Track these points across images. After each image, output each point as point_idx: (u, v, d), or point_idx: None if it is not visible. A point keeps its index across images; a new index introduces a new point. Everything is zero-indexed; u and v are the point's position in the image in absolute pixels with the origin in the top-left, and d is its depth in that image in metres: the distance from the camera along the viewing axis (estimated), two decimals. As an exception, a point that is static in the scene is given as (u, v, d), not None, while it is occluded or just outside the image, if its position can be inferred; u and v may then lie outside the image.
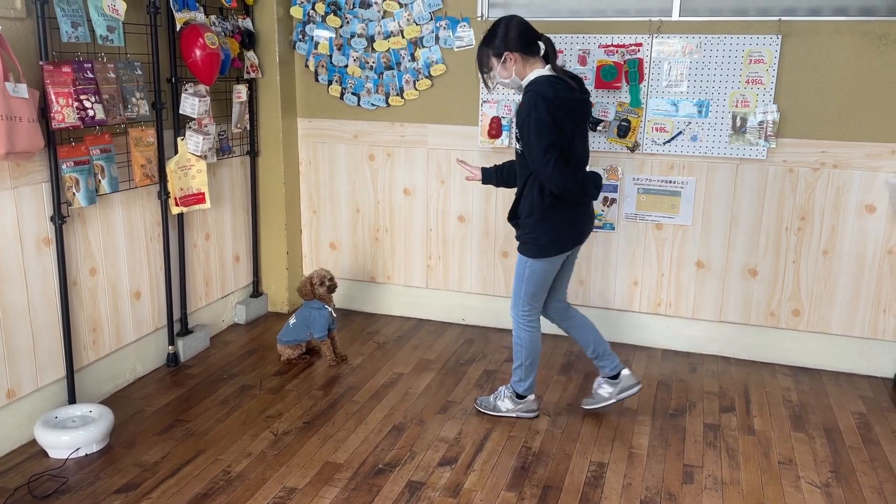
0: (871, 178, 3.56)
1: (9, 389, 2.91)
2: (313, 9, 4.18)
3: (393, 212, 4.37)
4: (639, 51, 3.70)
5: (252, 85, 4.18)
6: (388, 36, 4.10)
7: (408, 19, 4.04)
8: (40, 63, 2.81)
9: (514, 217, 3.05)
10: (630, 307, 4.05)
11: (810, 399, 3.48)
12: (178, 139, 3.56)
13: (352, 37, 4.16)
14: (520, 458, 2.93)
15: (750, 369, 3.80)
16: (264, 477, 2.76)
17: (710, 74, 3.64)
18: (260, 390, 3.48)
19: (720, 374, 3.74)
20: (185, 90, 3.54)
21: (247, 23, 4.04)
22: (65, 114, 2.85)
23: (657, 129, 3.75)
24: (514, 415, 3.22)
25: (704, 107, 3.68)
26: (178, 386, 3.52)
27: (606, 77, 3.75)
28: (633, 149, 3.81)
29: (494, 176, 3.26)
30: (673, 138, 3.74)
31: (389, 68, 4.15)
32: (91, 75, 2.96)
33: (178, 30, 3.47)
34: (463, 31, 3.97)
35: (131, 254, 3.48)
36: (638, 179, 3.87)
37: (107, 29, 3.02)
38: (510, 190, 4.07)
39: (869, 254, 3.63)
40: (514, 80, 2.90)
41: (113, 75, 3.07)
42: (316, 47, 4.25)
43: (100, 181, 3.11)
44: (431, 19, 4.01)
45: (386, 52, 4.12)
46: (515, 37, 2.82)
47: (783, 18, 3.52)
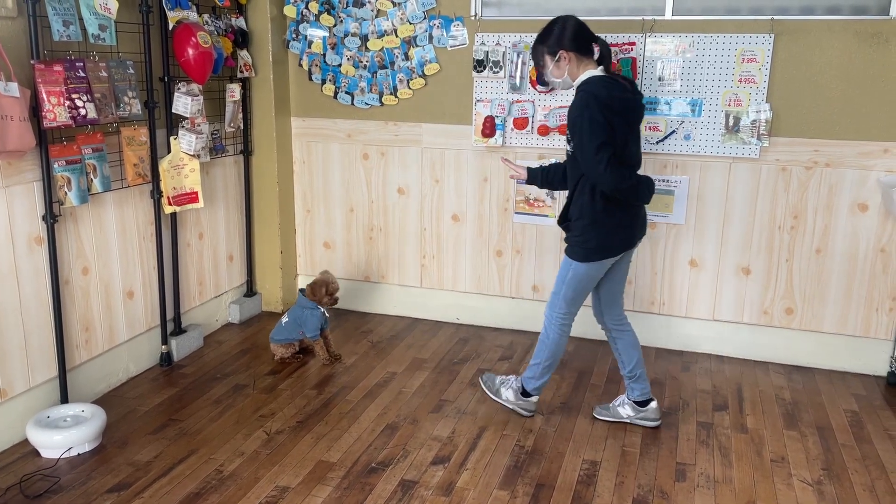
0: (863, 177, 3.57)
1: (1, 389, 2.91)
2: (307, 8, 4.18)
3: (387, 211, 4.37)
4: (632, 50, 3.70)
5: (245, 84, 4.18)
6: (381, 35, 4.09)
7: (401, 18, 4.04)
8: (31, 62, 2.80)
9: (564, 219, 2.99)
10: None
11: (803, 397, 3.49)
12: (171, 138, 3.55)
13: (345, 36, 4.16)
14: (513, 456, 2.93)
15: (743, 368, 3.81)
16: (257, 476, 2.76)
17: (703, 73, 3.65)
18: (253, 389, 3.48)
19: (713, 372, 3.75)
20: (178, 89, 3.53)
21: (240, 22, 4.04)
22: (56, 113, 2.84)
23: (650, 128, 3.76)
24: (511, 406, 3.20)
25: (697, 106, 3.68)
26: (172, 385, 3.51)
27: (600, 76, 3.76)
28: (626, 148, 3.82)
29: (540, 176, 3.17)
30: (666, 137, 3.75)
31: (383, 67, 4.15)
32: (83, 74, 2.95)
33: (170, 28, 3.46)
34: (456, 30, 3.97)
35: (124, 253, 3.47)
36: (631, 178, 3.87)
37: (99, 28, 3.01)
38: (505, 190, 4.11)
39: (861, 252, 3.64)
40: (565, 80, 2.87)
41: (105, 74, 3.06)
42: (309, 46, 4.24)
43: (92, 180, 3.10)
44: (425, 18, 4.01)
45: (380, 51, 4.12)
46: (571, 36, 2.80)
47: (776, 17, 3.53)
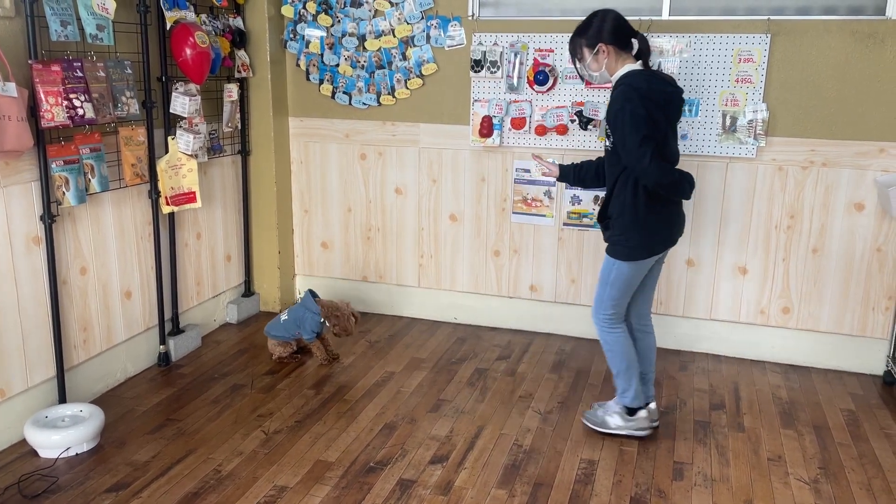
0: (859, 177, 3.58)
1: (-2, 389, 2.91)
2: (304, 8, 4.18)
3: (384, 211, 4.38)
4: (629, 50, 3.70)
5: (243, 84, 4.18)
6: (379, 35, 4.10)
7: (399, 18, 4.04)
8: (29, 62, 2.80)
9: (603, 217, 2.94)
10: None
11: (800, 396, 3.50)
12: (169, 138, 3.55)
13: (343, 36, 4.16)
14: (511, 455, 2.94)
15: (740, 367, 3.82)
16: (255, 476, 2.76)
17: (700, 73, 3.66)
18: (251, 389, 3.48)
19: (710, 371, 3.76)
20: (176, 89, 3.53)
21: (237, 22, 4.04)
22: (54, 112, 2.84)
23: (647, 128, 3.76)
24: (626, 432, 3.03)
25: (694, 106, 3.69)
26: (169, 385, 3.51)
27: (597, 76, 3.76)
28: (623, 147, 3.82)
29: (572, 174, 3.16)
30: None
31: (381, 67, 4.15)
32: (80, 74, 2.95)
33: (168, 28, 3.47)
34: (454, 30, 3.97)
35: (122, 253, 3.47)
36: (628, 178, 3.87)
37: (96, 27, 3.01)
38: (503, 190, 4.11)
39: (858, 251, 3.65)
40: (603, 74, 2.85)
41: (103, 74, 3.06)
42: (307, 46, 4.25)
43: (89, 180, 3.10)
44: (422, 18, 4.01)
45: (377, 51, 4.13)
46: (610, 29, 2.78)
47: (772, 18, 3.54)
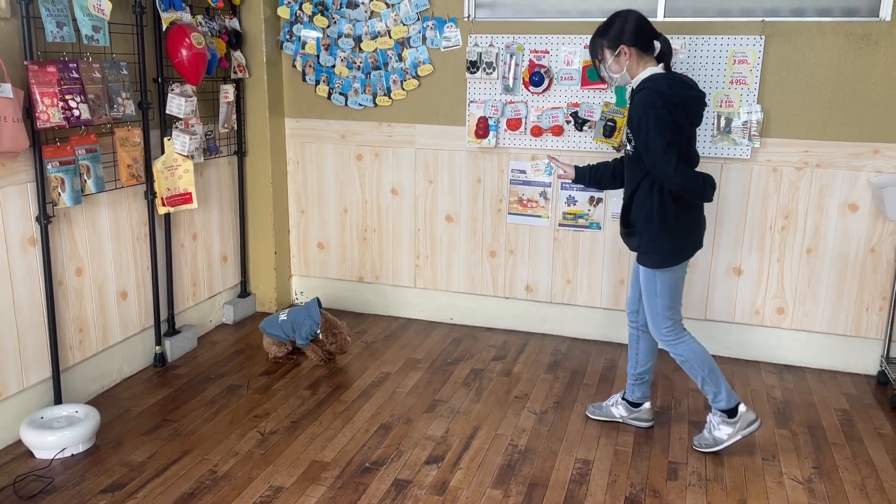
0: (853, 178, 3.59)
1: (-6, 390, 2.91)
2: (300, 9, 4.18)
3: (381, 211, 4.38)
4: (624, 51, 3.72)
5: (239, 85, 4.18)
6: (375, 36, 4.11)
7: (395, 19, 4.05)
8: (25, 63, 2.80)
9: (627, 224, 2.89)
10: (616, 306, 4.07)
11: (794, 396, 3.52)
12: (165, 139, 3.56)
13: (339, 37, 4.17)
14: (506, 455, 2.94)
15: (735, 367, 3.83)
16: (251, 476, 2.77)
17: (695, 74, 3.66)
18: (247, 390, 3.48)
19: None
20: (172, 90, 3.54)
21: (234, 23, 4.04)
22: (50, 114, 2.84)
23: (643, 129, 3.78)
24: (739, 437, 2.95)
25: (689, 107, 3.70)
26: (165, 386, 3.51)
27: (592, 77, 3.77)
28: (618, 148, 3.83)
29: (588, 175, 3.13)
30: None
31: (377, 68, 4.16)
32: (76, 75, 2.95)
33: (164, 30, 3.47)
34: (450, 31, 3.98)
35: (118, 254, 3.47)
36: (624, 179, 3.89)
37: (92, 29, 3.01)
38: (498, 191, 4.12)
39: (852, 252, 3.67)
40: (623, 76, 2.80)
41: (98, 75, 3.07)
42: (303, 47, 4.25)
43: (85, 181, 3.10)
44: (418, 20, 4.02)
45: (373, 52, 4.13)
46: (632, 31, 2.72)
47: (766, 19, 3.55)
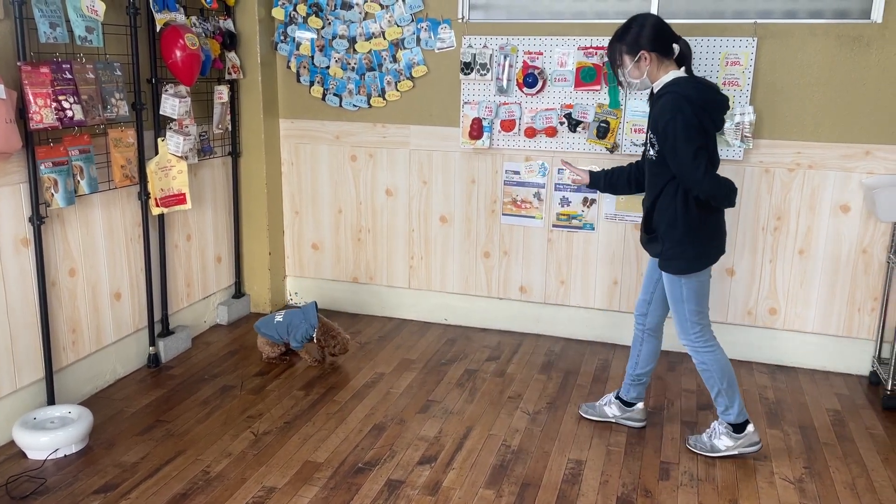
0: (845, 179, 3.61)
1: (-13, 391, 2.91)
2: (295, 10, 4.19)
3: (375, 212, 4.39)
4: (617, 53, 3.73)
5: (233, 86, 4.19)
6: (369, 37, 4.11)
7: (389, 21, 4.06)
8: (18, 64, 2.80)
9: (648, 230, 2.86)
10: (610, 306, 4.08)
11: (786, 396, 3.53)
12: (159, 140, 3.56)
13: (333, 38, 4.17)
14: (499, 456, 2.95)
15: (728, 368, 3.84)
16: (244, 477, 2.77)
17: (688, 76, 3.68)
18: (241, 391, 3.49)
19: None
20: (166, 91, 3.54)
21: (228, 24, 4.04)
22: (43, 114, 2.84)
23: (636, 131, 3.79)
24: (738, 451, 2.94)
25: (682, 108, 3.72)
26: (159, 387, 3.51)
27: (586, 79, 3.79)
28: (612, 150, 3.85)
29: (603, 180, 3.08)
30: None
31: (371, 69, 4.17)
32: (70, 76, 2.95)
33: (158, 30, 3.47)
34: (444, 32, 3.99)
35: (111, 255, 3.47)
36: (617, 180, 3.89)
37: (85, 30, 3.02)
38: (492, 192, 4.13)
39: (844, 253, 3.69)
40: (644, 81, 2.76)
41: (92, 76, 3.07)
42: (298, 48, 4.26)
43: (78, 182, 3.11)
44: (413, 21, 4.03)
45: (367, 53, 4.14)
46: (651, 35, 2.69)
47: (759, 21, 3.57)
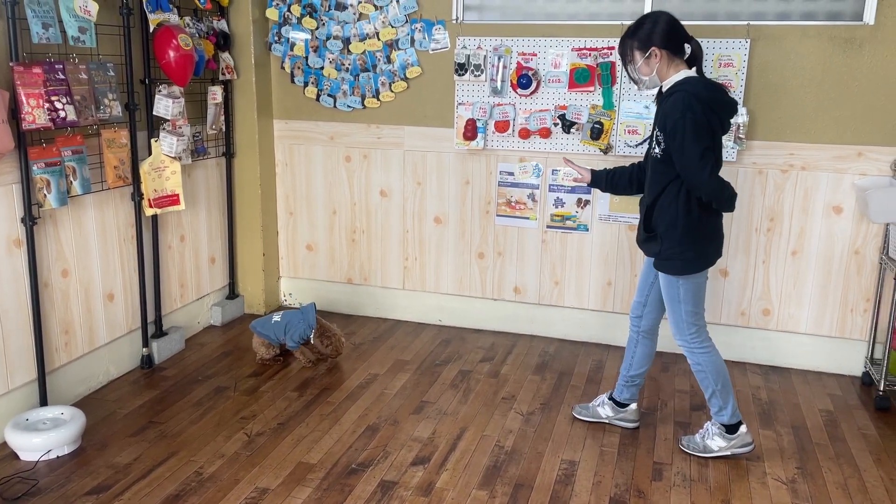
0: (837, 180, 3.62)
1: (-21, 392, 2.90)
2: (289, 11, 4.19)
3: (369, 213, 4.39)
4: (611, 54, 3.74)
5: (227, 86, 4.18)
6: (363, 38, 4.11)
7: (383, 22, 4.06)
8: (11, 64, 2.80)
9: (648, 229, 2.85)
10: (604, 307, 4.09)
11: (779, 397, 3.54)
12: (152, 140, 3.55)
13: (328, 39, 4.17)
14: (492, 456, 2.95)
15: (721, 368, 3.85)
16: (237, 478, 2.77)
17: (681, 77, 3.69)
18: (234, 392, 3.48)
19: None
20: (159, 91, 3.53)
21: (222, 24, 4.04)
22: (35, 115, 2.83)
23: (629, 132, 3.80)
24: (730, 452, 2.95)
25: (676, 109, 3.72)
26: (152, 388, 3.51)
27: (579, 80, 3.79)
28: (606, 151, 3.85)
29: (604, 180, 3.07)
30: (645, 140, 3.79)
31: (365, 70, 4.17)
32: (62, 76, 2.95)
33: (151, 31, 3.46)
34: (438, 33, 3.99)
35: (104, 255, 3.46)
36: (611, 181, 3.90)
37: (78, 30, 3.01)
38: (487, 192, 4.13)
39: (836, 254, 3.70)
40: (653, 79, 2.76)
41: (85, 76, 3.06)
42: (292, 49, 4.25)
43: (71, 182, 3.10)
44: (407, 22, 4.03)
45: (362, 54, 4.14)
46: (663, 33, 2.68)
47: (752, 23, 3.58)
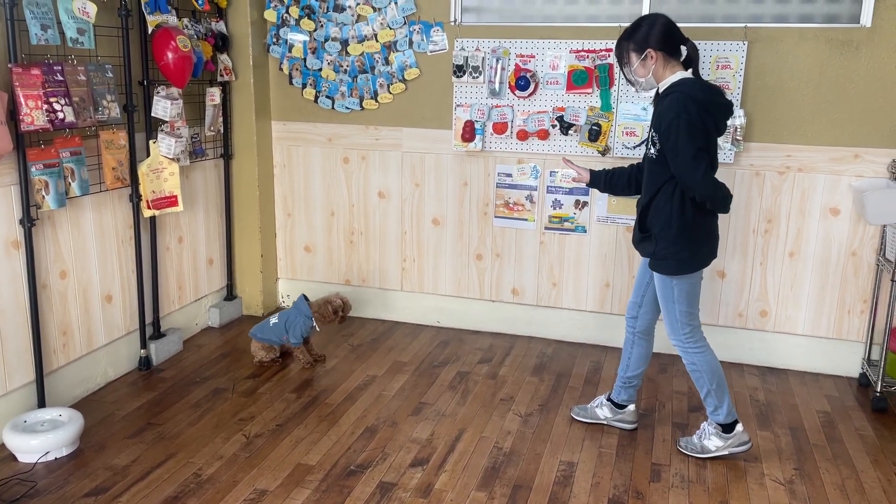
0: (834, 182, 3.63)
1: (-23, 393, 2.90)
2: (287, 12, 4.19)
3: (367, 215, 4.39)
4: (609, 56, 3.75)
5: (226, 88, 4.18)
6: (362, 40, 4.12)
7: (381, 23, 4.06)
8: (9, 65, 2.80)
9: (642, 229, 2.86)
10: (602, 309, 4.10)
11: (777, 398, 3.55)
12: (151, 142, 3.55)
13: (326, 40, 4.17)
14: (491, 458, 2.96)
15: (719, 369, 3.86)
16: (235, 479, 2.76)
17: (679, 79, 3.70)
18: (233, 393, 3.48)
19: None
20: (158, 93, 3.53)
21: (220, 26, 4.04)
22: (34, 116, 2.83)
23: (627, 134, 3.81)
24: (727, 452, 2.95)
25: (673, 111, 3.73)
26: (150, 389, 3.50)
27: (577, 82, 3.80)
28: (603, 152, 3.86)
29: (603, 180, 3.08)
30: (643, 142, 3.79)
31: (363, 72, 4.17)
32: (61, 78, 2.94)
33: (149, 32, 3.46)
34: (436, 35, 4.00)
35: (102, 257, 3.46)
36: (609, 183, 3.91)
37: (77, 31, 3.01)
38: (485, 194, 4.14)
39: (833, 256, 3.71)
40: (649, 80, 2.77)
41: (83, 78, 3.06)
42: (290, 50, 4.26)
43: (70, 184, 3.10)
44: (405, 23, 4.03)
45: (360, 55, 4.14)
46: (660, 35, 2.70)
47: (749, 25, 3.59)
